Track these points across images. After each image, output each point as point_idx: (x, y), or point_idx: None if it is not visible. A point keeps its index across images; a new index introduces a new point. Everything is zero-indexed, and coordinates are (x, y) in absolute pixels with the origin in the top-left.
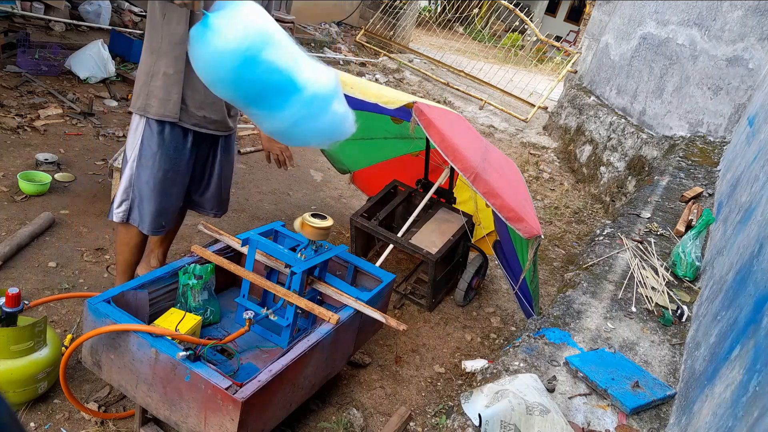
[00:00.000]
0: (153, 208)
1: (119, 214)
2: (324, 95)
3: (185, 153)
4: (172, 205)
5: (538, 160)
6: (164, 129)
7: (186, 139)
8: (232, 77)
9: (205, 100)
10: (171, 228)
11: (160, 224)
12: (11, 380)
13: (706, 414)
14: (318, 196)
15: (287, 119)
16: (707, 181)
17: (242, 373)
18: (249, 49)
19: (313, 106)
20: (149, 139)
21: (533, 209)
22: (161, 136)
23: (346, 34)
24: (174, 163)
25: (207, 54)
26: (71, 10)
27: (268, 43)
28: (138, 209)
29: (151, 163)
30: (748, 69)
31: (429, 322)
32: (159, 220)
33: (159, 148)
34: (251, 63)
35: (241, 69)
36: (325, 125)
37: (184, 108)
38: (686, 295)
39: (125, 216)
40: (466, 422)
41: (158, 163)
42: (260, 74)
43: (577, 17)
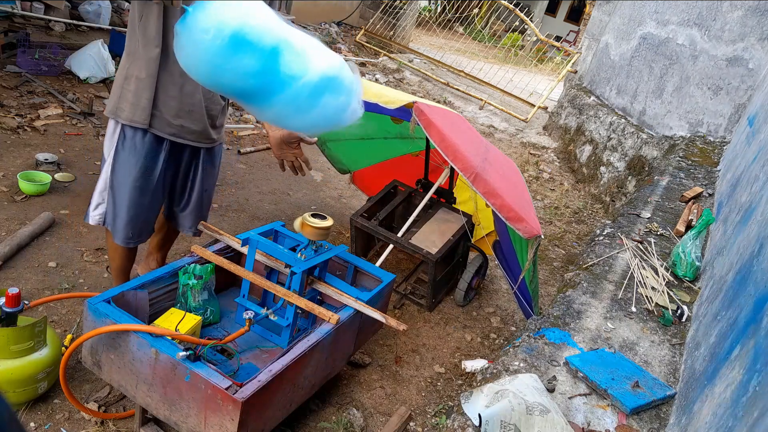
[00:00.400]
0: (125, 216)
1: (95, 217)
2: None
3: (158, 162)
4: (143, 217)
5: (538, 160)
6: (136, 135)
7: (160, 148)
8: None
9: (182, 108)
10: (144, 240)
11: (128, 234)
12: (11, 380)
13: (706, 414)
14: (318, 196)
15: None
16: (707, 181)
17: (242, 373)
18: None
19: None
20: (122, 144)
21: (533, 209)
22: (133, 142)
23: (346, 34)
24: (146, 171)
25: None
26: (71, 10)
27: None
28: (112, 215)
29: (123, 169)
30: (748, 69)
31: (429, 322)
32: (128, 229)
33: (131, 155)
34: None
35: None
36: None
37: (158, 115)
38: (686, 295)
39: (101, 220)
40: (466, 422)
41: (130, 170)
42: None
43: (577, 17)
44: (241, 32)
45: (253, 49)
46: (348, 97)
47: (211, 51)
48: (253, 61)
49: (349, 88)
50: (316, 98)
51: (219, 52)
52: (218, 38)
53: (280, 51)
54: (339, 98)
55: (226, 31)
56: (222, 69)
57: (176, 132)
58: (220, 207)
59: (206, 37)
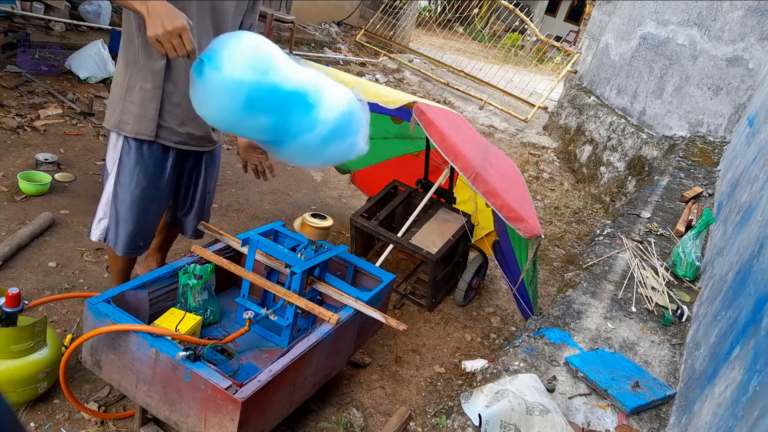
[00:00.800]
0: (129, 228)
1: (96, 233)
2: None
3: (165, 171)
4: (150, 225)
5: (538, 160)
6: (143, 146)
7: (167, 156)
8: (233, 123)
9: (187, 116)
10: (145, 251)
11: (137, 245)
12: (11, 380)
13: (706, 414)
14: (318, 196)
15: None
16: (707, 181)
17: (242, 373)
18: (246, 97)
19: (310, 149)
20: (127, 155)
21: (533, 209)
22: (140, 152)
23: (346, 34)
24: (153, 180)
25: (207, 104)
26: (71, 10)
27: (268, 86)
28: (114, 229)
29: (128, 180)
30: (748, 69)
31: (429, 322)
32: (136, 240)
33: (137, 165)
34: (250, 110)
35: (242, 116)
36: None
37: (164, 125)
38: (686, 295)
39: (103, 235)
40: (466, 422)
41: (136, 180)
42: (262, 119)
43: (577, 17)
44: (256, 92)
45: (266, 108)
46: (354, 137)
47: (230, 108)
48: (267, 118)
49: (356, 128)
50: (325, 146)
51: (236, 110)
52: (237, 95)
53: (293, 104)
54: (346, 141)
55: (242, 91)
56: (239, 125)
57: (182, 140)
58: (220, 207)
59: (224, 97)
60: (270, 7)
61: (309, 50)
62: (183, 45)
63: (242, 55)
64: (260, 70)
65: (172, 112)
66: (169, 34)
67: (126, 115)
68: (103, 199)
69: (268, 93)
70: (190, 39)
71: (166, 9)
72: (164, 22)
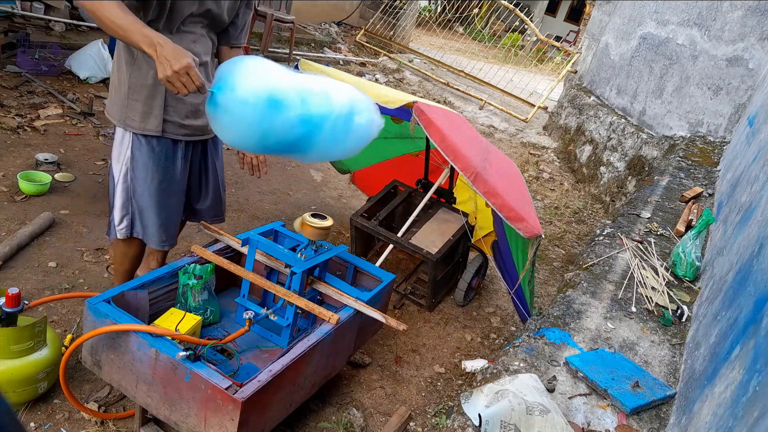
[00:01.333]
0: (155, 220)
1: (122, 230)
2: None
3: (177, 163)
4: (173, 217)
5: (538, 160)
6: (151, 141)
7: (176, 149)
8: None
9: (190, 110)
10: (174, 245)
11: (162, 237)
12: (11, 380)
13: (706, 414)
14: (318, 196)
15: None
16: (707, 181)
17: (242, 373)
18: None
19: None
20: (138, 151)
21: (533, 209)
22: (150, 146)
23: (346, 34)
24: (167, 173)
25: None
26: (71, 10)
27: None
28: (140, 223)
29: (143, 175)
30: (748, 69)
31: (429, 322)
32: (163, 233)
33: (150, 159)
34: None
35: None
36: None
37: (170, 120)
38: (686, 295)
39: (128, 232)
40: (466, 422)
41: (151, 174)
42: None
43: (577, 17)
44: (275, 93)
45: (287, 104)
46: (370, 112)
47: (256, 118)
48: (291, 113)
49: (367, 105)
50: (349, 124)
51: (263, 116)
52: (258, 105)
53: (306, 98)
54: (365, 116)
55: (262, 96)
56: (269, 130)
57: (188, 132)
58: None
59: (247, 108)
60: (270, 7)
61: (309, 50)
62: (192, 82)
63: (248, 70)
64: (270, 77)
65: (176, 107)
66: (176, 74)
67: (131, 112)
68: (119, 198)
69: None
70: (197, 75)
71: (172, 50)
72: (172, 63)
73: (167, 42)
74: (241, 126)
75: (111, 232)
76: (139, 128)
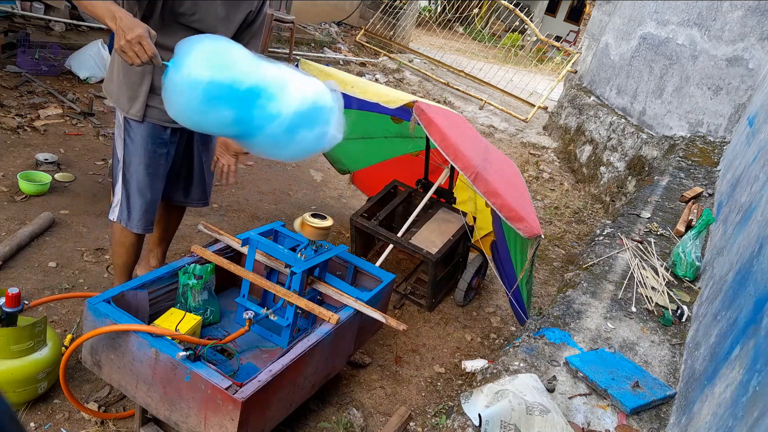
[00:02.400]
0: (140, 205)
1: (114, 212)
2: (287, 126)
3: (164, 148)
4: (155, 201)
5: (538, 160)
6: (141, 126)
7: (164, 134)
8: (199, 119)
9: None
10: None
11: (149, 221)
12: (11, 380)
13: (706, 414)
14: (318, 196)
15: (257, 148)
16: (707, 181)
17: (242, 373)
18: (203, 93)
19: (277, 138)
20: (129, 135)
21: (533, 209)
22: (139, 131)
23: (346, 34)
24: (154, 157)
25: (173, 103)
26: (71, 10)
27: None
28: (127, 208)
29: (134, 159)
30: (748, 69)
31: (429, 322)
32: (147, 216)
33: (139, 144)
34: (210, 104)
35: (204, 111)
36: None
37: (156, 106)
38: (686, 295)
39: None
40: (466, 422)
41: (139, 158)
42: (224, 112)
43: (577, 17)
44: (212, 87)
45: (226, 100)
46: (324, 126)
47: (191, 107)
48: (228, 111)
49: (325, 117)
50: (291, 134)
51: (197, 107)
52: (193, 96)
53: (253, 96)
54: (314, 129)
55: (198, 88)
56: (204, 120)
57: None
58: (220, 207)
59: (182, 98)
60: (270, 7)
61: (309, 50)
62: (144, 52)
63: (200, 55)
64: (217, 67)
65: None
66: (129, 43)
67: (121, 94)
68: (119, 182)
69: (225, 88)
70: (149, 45)
71: (128, 21)
72: (126, 33)
73: (127, 15)
74: (181, 105)
75: (111, 213)
76: (126, 110)
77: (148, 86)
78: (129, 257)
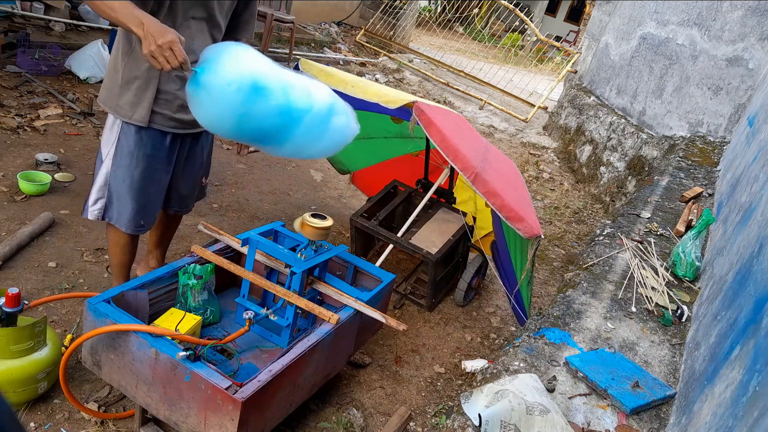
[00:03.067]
0: (131, 206)
1: (94, 212)
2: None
3: (163, 152)
4: (152, 204)
5: (538, 160)
6: (141, 130)
7: (165, 139)
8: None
9: (181, 104)
10: (151, 227)
11: (139, 223)
12: (11, 380)
13: (706, 414)
14: (318, 196)
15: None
16: (707, 181)
17: (242, 373)
18: (251, 84)
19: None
20: (126, 138)
21: (533, 209)
22: (138, 136)
23: (346, 34)
24: (152, 161)
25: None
26: (71, 10)
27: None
28: (116, 208)
29: (128, 162)
30: (748, 69)
31: (429, 322)
32: (138, 218)
33: (136, 148)
34: (257, 96)
35: (249, 104)
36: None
37: (160, 112)
38: (686, 295)
39: (101, 214)
40: (466, 422)
41: (135, 162)
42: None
43: (577, 17)
44: (259, 80)
45: (270, 94)
46: (347, 116)
47: (237, 101)
48: (273, 103)
49: (344, 108)
50: (326, 123)
51: (244, 100)
52: (242, 89)
53: (289, 91)
54: (341, 118)
55: (246, 80)
56: (247, 115)
57: (178, 125)
58: (220, 207)
59: (230, 89)
60: (270, 7)
61: (309, 50)
62: (175, 57)
63: (234, 54)
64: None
65: (168, 100)
66: (160, 48)
67: (122, 100)
68: (99, 180)
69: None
70: (180, 51)
71: (157, 27)
72: (156, 38)
73: (154, 20)
74: (221, 107)
75: (85, 212)
76: (128, 117)
77: (154, 92)
78: (124, 256)
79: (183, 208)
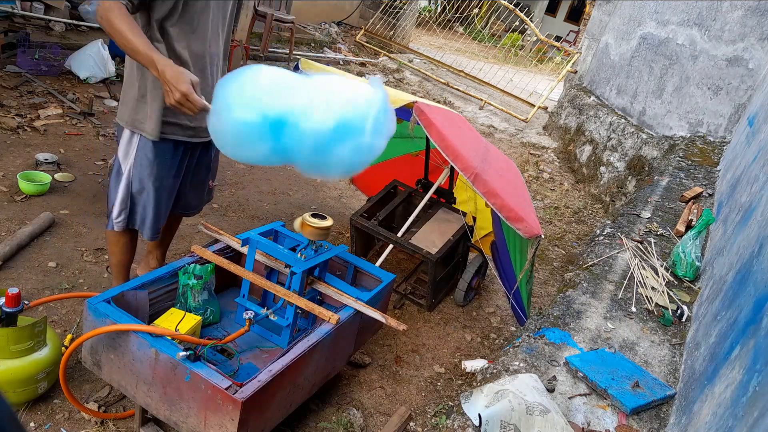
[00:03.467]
0: (152, 215)
1: (119, 223)
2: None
3: (176, 161)
4: (166, 211)
5: (538, 160)
6: (158, 143)
7: (179, 149)
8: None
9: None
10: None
11: (158, 229)
12: (11, 380)
13: (706, 414)
14: (318, 196)
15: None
16: (707, 181)
17: (242, 373)
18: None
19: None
20: (144, 152)
21: (533, 209)
22: (156, 148)
23: (346, 34)
24: (170, 172)
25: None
26: (71, 10)
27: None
28: (140, 216)
29: (147, 173)
30: (748, 69)
31: (429, 322)
32: (157, 226)
33: (155, 159)
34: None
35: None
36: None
37: (177, 122)
38: (686, 295)
39: (125, 224)
40: (466, 422)
41: (155, 173)
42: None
43: (577, 17)
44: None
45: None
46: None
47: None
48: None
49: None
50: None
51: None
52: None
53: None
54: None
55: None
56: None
57: (194, 134)
58: (220, 207)
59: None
60: (270, 7)
61: (309, 50)
62: (195, 106)
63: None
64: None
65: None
66: (179, 103)
67: (140, 114)
68: (121, 193)
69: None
70: (196, 99)
71: (172, 75)
72: (173, 93)
73: (169, 64)
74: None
75: (109, 224)
76: (146, 131)
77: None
78: (124, 256)
79: (188, 211)
